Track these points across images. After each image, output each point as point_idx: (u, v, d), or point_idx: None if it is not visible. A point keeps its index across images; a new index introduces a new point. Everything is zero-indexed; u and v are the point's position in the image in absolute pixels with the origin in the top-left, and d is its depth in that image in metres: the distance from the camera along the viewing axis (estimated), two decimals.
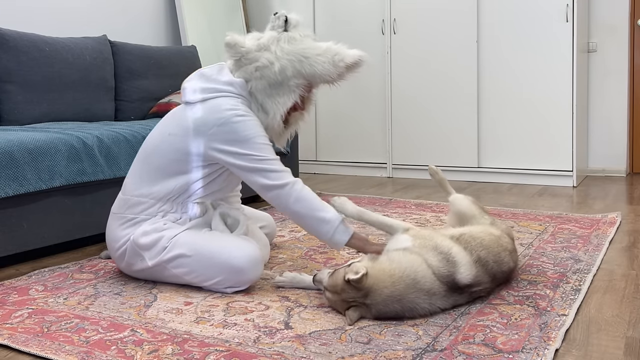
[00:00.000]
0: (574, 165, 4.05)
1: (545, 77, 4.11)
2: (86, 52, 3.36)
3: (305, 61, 1.98)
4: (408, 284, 1.63)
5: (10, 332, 1.63)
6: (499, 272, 1.84)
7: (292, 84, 1.98)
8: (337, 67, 2.02)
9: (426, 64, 4.49)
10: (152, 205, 1.99)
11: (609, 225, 2.81)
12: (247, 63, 2.00)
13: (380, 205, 3.43)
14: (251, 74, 1.99)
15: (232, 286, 1.91)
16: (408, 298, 1.63)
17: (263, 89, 1.99)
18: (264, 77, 1.98)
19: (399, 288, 1.63)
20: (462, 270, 1.71)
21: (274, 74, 1.97)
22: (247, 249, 1.91)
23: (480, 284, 1.76)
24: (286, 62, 1.97)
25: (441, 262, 1.70)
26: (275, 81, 1.98)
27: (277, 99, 1.99)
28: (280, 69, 1.97)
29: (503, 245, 1.89)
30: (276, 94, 1.99)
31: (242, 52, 1.99)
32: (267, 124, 2.01)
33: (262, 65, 1.98)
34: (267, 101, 1.99)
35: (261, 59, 1.98)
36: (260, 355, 1.45)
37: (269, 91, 1.99)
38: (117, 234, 2.02)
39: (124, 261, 2.03)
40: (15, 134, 2.35)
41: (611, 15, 4.46)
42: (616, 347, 1.50)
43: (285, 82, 1.98)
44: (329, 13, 4.87)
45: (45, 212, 2.37)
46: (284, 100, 1.99)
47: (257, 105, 2.01)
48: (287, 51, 1.99)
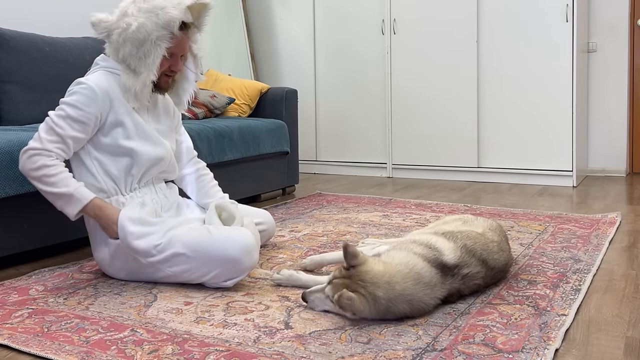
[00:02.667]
0: (574, 165, 4.05)
1: (545, 77, 4.11)
2: (86, 52, 3.36)
3: (161, 12, 2.00)
4: (416, 279, 1.63)
5: (10, 332, 1.63)
6: (490, 260, 1.85)
7: (154, 38, 2.00)
8: (180, 12, 2.01)
9: (426, 64, 4.49)
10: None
11: (609, 225, 2.81)
12: (112, 34, 2.05)
13: (380, 205, 3.43)
14: (117, 42, 2.04)
15: (230, 278, 1.91)
16: (417, 297, 1.63)
17: (130, 53, 2.02)
18: (128, 40, 2.01)
19: (409, 285, 1.62)
20: (447, 253, 1.74)
21: (133, 34, 2.00)
22: (239, 238, 1.91)
23: (469, 266, 1.77)
24: (143, 19, 2.00)
25: (425, 249, 1.73)
26: (137, 40, 2.00)
27: (146, 60, 2.01)
28: (138, 26, 1.99)
29: (489, 238, 1.92)
30: (143, 54, 2.01)
31: (106, 26, 2.05)
32: (136, 85, 2.03)
33: (122, 29, 2.02)
34: (139, 64, 2.02)
35: (121, 24, 2.02)
36: (260, 355, 1.45)
37: (136, 53, 2.02)
38: (97, 245, 2.09)
39: (115, 267, 2.05)
40: (15, 134, 2.35)
41: (611, 15, 4.46)
42: (616, 347, 1.50)
43: (147, 39, 2.00)
44: (329, 13, 4.86)
45: (45, 212, 2.37)
46: (153, 57, 2.01)
47: (129, 71, 2.04)
48: (144, 9, 2.01)
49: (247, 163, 3.47)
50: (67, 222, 2.45)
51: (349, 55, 4.80)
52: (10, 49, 3.00)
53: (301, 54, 4.99)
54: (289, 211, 3.30)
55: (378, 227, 2.86)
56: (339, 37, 4.83)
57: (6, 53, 2.99)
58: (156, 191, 2.17)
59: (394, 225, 2.90)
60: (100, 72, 2.05)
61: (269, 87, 4.06)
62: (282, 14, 5.10)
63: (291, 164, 3.95)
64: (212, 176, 2.42)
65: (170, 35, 2.02)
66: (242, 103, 3.93)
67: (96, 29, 2.07)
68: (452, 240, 1.81)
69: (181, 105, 2.26)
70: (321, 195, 3.80)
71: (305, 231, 2.80)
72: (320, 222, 3.00)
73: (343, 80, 4.83)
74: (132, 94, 2.04)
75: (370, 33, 4.70)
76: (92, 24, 2.06)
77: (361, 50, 4.75)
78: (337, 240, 2.62)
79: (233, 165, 3.35)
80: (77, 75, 3.28)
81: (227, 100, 3.77)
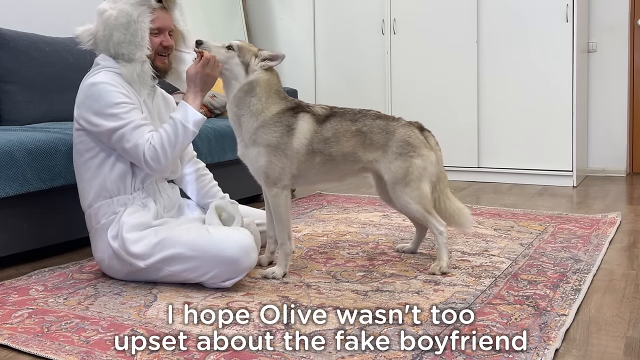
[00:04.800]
0: (574, 165, 4.05)
1: (545, 77, 4.11)
2: (86, 52, 3.33)
3: None
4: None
5: (10, 332, 1.63)
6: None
7: (135, 17, 2.02)
8: None
9: (426, 64, 4.49)
10: (109, 206, 2.04)
11: (609, 225, 2.81)
12: (97, 34, 2.07)
13: (380, 205, 3.43)
14: (105, 37, 2.06)
15: (228, 278, 1.92)
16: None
17: (119, 40, 2.04)
18: (113, 29, 2.04)
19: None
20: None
21: (116, 20, 2.03)
22: (237, 238, 1.92)
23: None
24: (121, 5, 2.03)
25: None
26: (122, 25, 2.03)
27: (135, 40, 2.03)
28: (118, 12, 2.02)
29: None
30: (132, 35, 2.03)
31: (91, 33, 2.09)
32: (137, 69, 2.04)
33: (105, 23, 2.04)
34: (131, 48, 2.04)
35: (103, 20, 2.05)
36: (260, 355, 1.45)
37: (124, 37, 2.03)
38: (97, 247, 2.08)
39: (114, 268, 2.05)
40: (15, 134, 2.35)
41: (611, 15, 4.46)
42: (616, 347, 1.50)
43: (130, 19, 2.02)
44: (329, 13, 4.86)
45: (45, 212, 2.37)
46: (141, 34, 2.03)
47: (126, 61, 2.05)
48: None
49: None
50: (67, 222, 2.44)
51: (349, 56, 4.80)
52: (10, 49, 3.00)
53: (301, 54, 4.99)
54: None
55: (378, 227, 2.86)
56: (339, 37, 4.83)
57: (6, 53, 2.99)
58: (159, 191, 2.16)
59: (394, 225, 2.90)
60: (105, 72, 2.05)
61: None
62: (282, 14, 5.10)
63: None
64: (212, 176, 2.42)
65: (150, 9, 2.05)
66: None
67: (82, 40, 2.11)
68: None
69: (184, 85, 2.25)
70: (321, 195, 3.80)
71: (305, 231, 2.80)
72: (321, 222, 3.00)
73: (343, 80, 4.82)
74: (135, 79, 2.04)
75: (370, 33, 4.69)
76: (77, 37, 2.10)
77: (361, 50, 4.75)
78: (337, 240, 2.62)
79: (233, 165, 3.33)
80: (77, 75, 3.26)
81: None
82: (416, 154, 2.15)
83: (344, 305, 1.78)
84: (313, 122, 2.13)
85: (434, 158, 2.19)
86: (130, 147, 1.97)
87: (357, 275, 2.10)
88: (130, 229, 1.97)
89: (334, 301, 1.83)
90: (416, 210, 2.15)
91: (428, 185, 2.16)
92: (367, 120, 2.18)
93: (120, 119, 1.97)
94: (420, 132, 2.22)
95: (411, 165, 2.13)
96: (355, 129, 2.15)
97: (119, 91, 2.00)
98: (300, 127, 2.10)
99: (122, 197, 2.05)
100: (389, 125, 2.18)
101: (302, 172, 2.14)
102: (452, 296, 1.86)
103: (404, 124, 2.21)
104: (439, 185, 2.22)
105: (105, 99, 1.98)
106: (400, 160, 2.14)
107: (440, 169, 2.24)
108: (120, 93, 2.00)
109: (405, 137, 2.16)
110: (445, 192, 2.25)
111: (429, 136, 2.25)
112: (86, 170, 2.06)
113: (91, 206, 2.07)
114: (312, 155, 2.12)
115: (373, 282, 2.02)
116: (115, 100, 1.98)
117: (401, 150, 2.15)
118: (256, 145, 2.09)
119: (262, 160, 2.08)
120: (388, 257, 2.33)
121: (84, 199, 2.10)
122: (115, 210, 2.04)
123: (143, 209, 2.05)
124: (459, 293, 1.89)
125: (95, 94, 1.99)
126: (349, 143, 2.14)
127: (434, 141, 2.25)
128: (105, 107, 1.97)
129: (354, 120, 2.17)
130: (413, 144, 2.15)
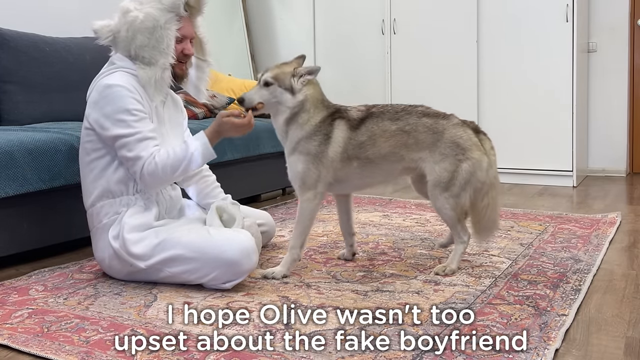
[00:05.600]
0: (574, 165, 4.05)
1: (545, 77, 4.10)
2: (86, 52, 3.36)
3: None
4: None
5: (10, 332, 1.63)
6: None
7: (162, 23, 2.00)
8: None
9: (426, 64, 4.49)
10: (111, 206, 2.04)
11: (609, 225, 2.81)
12: (119, 34, 2.03)
13: (380, 205, 3.43)
14: (126, 38, 2.02)
15: (229, 280, 1.91)
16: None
17: (142, 44, 2.01)
18: (137, 32, 2.00)
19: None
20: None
21: (142, 23, 1.99)
22: (238, 241, 1.92)
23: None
24: (148, 8, 2.00)
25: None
26: (147, 29, 1.99)
27: (159, 46, 2.00)
28: (145, 15, 1.99)
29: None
30: (156, 41, 2.00)
31: (110, 30, 2.04)
32: (156, 74, 2.01)
33: (129, 24, 2.00)
34: (154, 53, 2.01)
35: (127, 20, 2.01)
36: (260, 355, 1.45)
37: (148, 42, 2.00)
38: (98, 247, 2.07)
39: (114, 268, 2.04)
40: (15, 134, 2.35)
41: (611, 15, 4.46)
42: (616, 347, 1.50)
43: (157, 25, 1.99)
44: (329, 13, 4.86)
45: (45, 212, 2.37)
46: (167, 41, 2.01)
47: (145, 64, 2.02)
48: (145, 1, 2.01)
49: (247, 163, 3.46)
50: (67, 222, 2.44)
51: (349, 56, 4.80)
52: (10, 49, 3.00)
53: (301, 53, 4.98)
54: (289, 211, 3.30)
55: (378, 227, 2.86)
56: (339, 37, 4.83)
57: (6, 53, 2.99)
58: (162, 193, 2.15)
59: (394, 225, 2.90)
60: (121, 73, 2.03)
61: None
62: (282, 14, 5.10)
63: None
64: (215, 178, 2.41)
65: (177, 17, 2.03)
66: None
67: (100, 36, 2.05)
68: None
69: (201, 94, 2.26)
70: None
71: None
72: (320, 222, 3.00)
73: (343, 80, 4.82)
74: (152, 84, 2.02)
75: (370, 33, 4.69)
76: (95, 31, 2.04)
77: (361, 50, 4.75)
78: (337, 240, 2.62)
79: (233, 165, 3.34)
80: (77, 75, 3.28)
81: (227, 100, 3.77)
82: (465, 157, 2.03)
83: (344, 305, 1.78)
84: (347, 128, 2.08)
85: (485, 163, 2.06)
86: (131, 157, 1.96)
87: (357, 275, 2.10)
88: (131, 229, 1.97)
89: (334, 301, 1.83)
90: (449, 217, 2.08)
91: (469, 192, 2.05)
92: (412, 119, 2.10)
93: (128, 126, 1.95)
94: (474, 134, 2.11)
95: (458, 169, 2.03)
96: (396, 129, 2.08)
97: (134, 97, 1.98)
98: (335, 136, 2.07)
99: (124, 197, 2.05)
100: (437, 124, 2.09)
101: (343, 178, 2.11)
102: (452, 296, 1.86)
103: (456, 124, 2.10)
104: (491, 192, 2.08)
105: (118, 104, 1.96)
106: (446, 162, 2.04)
107: (494, 174, 2.10)
108: (134, 99, 1.98)
109: (455, 137, 2.06)
110: (495, 202, 2.10)
111: (485, 139, 2.13)
112: (91, 169, 2.06)
113: (94, 205, 2.06)
114: (349, 162, 2.07)
115: (373, 282, 2.02)
116: (127, 107, 1.96)
117: (449, 152, 2.04)
118: (296, 153, 2.08)
119: (299, 167, 2.06)
120: (388, 257, 2.33)
121: (87, 198, 2.09)
122: (117, 210, 2.03)
123: (145, 210, 2.05)
124: (459, 293, 1.89)
125: (110, 96, 1.97)
126: (387, 144, 2.07)
127: (489, 145, 2.13)
128: (116, 112, 1.96)
129: (394, 120, 2.09)
130: (463, 146, 2.04)
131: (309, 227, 2.11)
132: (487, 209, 2.09)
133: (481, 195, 2.07)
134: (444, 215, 2.09)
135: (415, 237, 2.67)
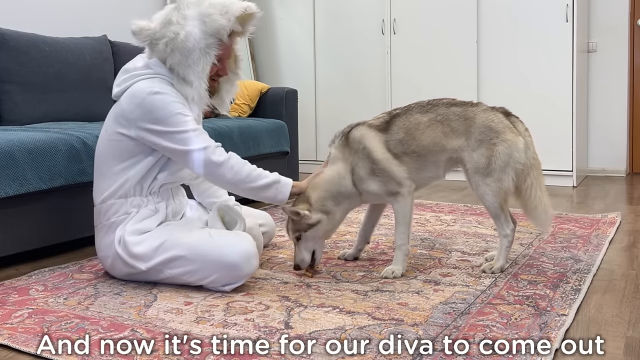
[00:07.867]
0: (574, 165, 4.05)
1: (545, 77, 4.11)
2: (86, 52, 3.36)
3: (208, 20, 1.96)
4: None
5: (10, 332, 1.63)
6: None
7: (202, 46, 1.97)
8: (229, 21, 1.99)
9: (426, 63, 4.49)
10: (122, 205, 2.02)
11: (609, 225, 2.81)
12: (158, 43, 1.99)
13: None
14: (164, 51, 1.98)
15: (228, 283, 1.91)
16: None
17: (179, 62, 1.98)
18: (176, 49, 1.97)
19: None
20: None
21: (182, 43, 1.96)
22: (239, 244, 1.91)
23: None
24: (190, 28, 1.96)
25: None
26: (186, 49, 1.96)
27: (195, 67, 1.97)
28: (186, 35, 1.95)
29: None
30: (193, 62, 1.97)
31: (149, 34, 1.99)
32: (193, 95, 2.00)
33: (169, 39, 1.96)
34: (188, 72, 1.98)
35: (167, 34, 1.97)
36: (260, 355, 1.45)
37: (185, 62, 1.97)
38: (102, 244, 2.06)
39: (116, 268, 2.04)
40: (15, 134, 2.35)
41: (611, 15, 4.46)
42: (616, 347, 1.50)
43: (196, 47, 1.96)
44: (329, 13, 4.86)
45: (45, 212, 2.37)
46: (203, 65, 1.98)
47: (180, 79, 2.00)
48: (189, 17, 1.97)
49: None
50: (67, 222, 2.45)
51: (349, 55, 4.80)
52: (10, 49, 3.00)
53: (301, 54, 4.99)
54: None
55: (378, 227, 2.86)
56: (339, 37, 4.83)
57: (6, 53, 2.99)
58: (172, 196, 2.14)
59: (394, 225, 2.90)
60: (160, 81, 2.00)
61: (269, 87, 4.06)
62: (282, 14, 5.10)
63: (291, 163, 3.95)
64: None
65: (219, 42, 1.99)
66: (242, 103, 3.93)
67: (138, 37, 2.00)
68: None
69: (224, 107, 2.22)
70: None
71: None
72: None
73: (343, 80, 4.83)
74: (189, 101, 2.01)
75: (370, 33, 4.69)
76: (134, 32, 1.99)
77: (361, 50, 4.75)
78: (336, 240, 2.62)
79: None
80: (77, 75, 3.28)
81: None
82: (499, 140, 2.05)
83: (344, 305, 1.78)
84: (372, 131, 2.10)
85: (521, 144, 2.07)
86: (195, 149, 1.93)
87: (357, 275, 2.10)
88: (133, 232, 1.97)
89: (334, 301, 1.83)
90: (491, 203, 2.07)
91: (511, 175, 2.05)
92: (440, 109, 2.11)
93: (186, 124, 1.94)
94: (505, 117, 2.12)
95: (494, 153, 2.04)
96: (428, 120, 2.09)
97: (179, 101, 1.97)
98: (368, 143, 2.07)
99: (137, 198, 2.03)
100: (467, 111, 2.10)
101: (411, 173, 2.10)
102: (452, 296, 1.86)
103: (485, 109, 2.12)
104: (533, 173, 2.08)
105: (169, 108, 1.93)
106: (483, 147, 2.05)
107: (532, 155, 2.11)
108: (180, 104, 1.96)
109: (487, 122, 2.08)
110: (539, 182, 2.10)
111: (516, 121, 2.14)
112: (110, 167, 2.03)
113: (105, 202, 2.03)
114: (401, 158, 2.08)
115: (373, 282, 2.02)
116: (180, 110, 1.95)
117: (483, 137, 2.06)
118: (363, 182, 2.08)
119: (374, 186, 2.08)
120: (388, 257, 2.33)
121: (98, 195, 2.06)
122: (127, 210, 2.02)
123: (153, 213, 2.04)
124: (459, 293, 1.89)
125: (158, 102, 1.93)
126: (425, 134, 2.08)
127: (523, 127, 2.14)
128: (168, 116, 1.93)
129: (423, 112, 2.11)
130: (496, 129, 2.06)
131: (410, 222, 2.14)
132: (531, 188, 2.09)
133: (523, 176, 2.08)
134: (487, 202, 2.09)
135: (415, 237, 2.67)
